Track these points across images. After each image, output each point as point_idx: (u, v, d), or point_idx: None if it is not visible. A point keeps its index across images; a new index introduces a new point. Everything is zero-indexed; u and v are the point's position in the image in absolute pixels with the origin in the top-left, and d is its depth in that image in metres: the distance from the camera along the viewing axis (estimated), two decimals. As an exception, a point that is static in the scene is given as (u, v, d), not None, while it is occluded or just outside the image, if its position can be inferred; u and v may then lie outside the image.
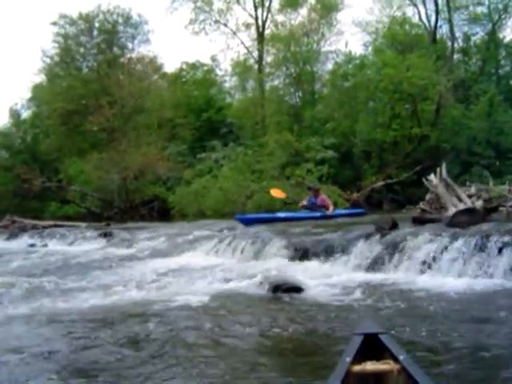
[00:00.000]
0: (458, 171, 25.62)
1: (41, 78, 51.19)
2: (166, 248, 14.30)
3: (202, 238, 14.20)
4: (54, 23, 45.35)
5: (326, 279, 8.31)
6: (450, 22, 34.49)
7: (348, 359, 3.28)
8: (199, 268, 10.56)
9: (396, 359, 3.29)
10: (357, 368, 3.25)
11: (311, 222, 14.35)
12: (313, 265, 9.49)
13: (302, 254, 10.16)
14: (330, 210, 16.27)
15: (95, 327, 5.90)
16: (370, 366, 3.28)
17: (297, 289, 7.64)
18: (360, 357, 3.34)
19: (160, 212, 35.45)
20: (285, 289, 7.60)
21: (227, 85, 48.54)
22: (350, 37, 54.69)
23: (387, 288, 7.56)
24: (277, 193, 20.23)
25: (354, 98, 33.20)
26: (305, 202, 17.07)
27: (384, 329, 3.72)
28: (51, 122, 46.28)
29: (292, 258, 10.26)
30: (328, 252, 9.68)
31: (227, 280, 8.75)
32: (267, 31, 41.05)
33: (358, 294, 7.18)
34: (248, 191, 28.87)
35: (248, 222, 14.90)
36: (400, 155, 30.87)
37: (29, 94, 55.63)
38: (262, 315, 6.40)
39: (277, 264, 10.08)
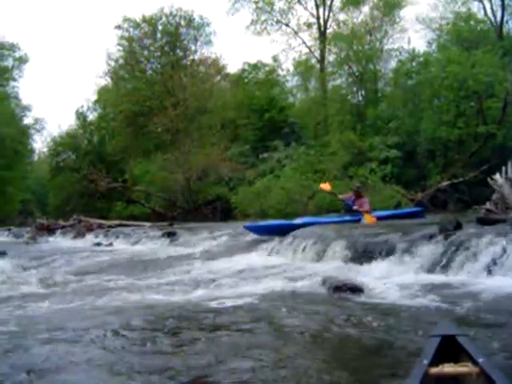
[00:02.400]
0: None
1: (106, 81, 52.38)
2: (227, 248, 14.40)
3: (264, 237, 14.22)
4: (119, 27, 46.31)
5: (387, 280, 8.20)
6: (516, 16, 33.60)
7: (425, 361, 3.22)
8: (260, 268, 10.59)
9: (475, 362, 3.21)
10: (434, 370, 3.19)
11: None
12: (374, 266, 9.37)
13: (363, 254, 10.05)
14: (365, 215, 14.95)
15: (157, 326, 5.96)
16: (448, 368, 3.22)
17: (358, 289, 7.56)
18: (437, 359, 3.28)
19: (223, 212, 35.68)
20: (346, 289, 7.54)
21: (289, 85, 48.63)
22: (413, 34, 54.01)
23: (451, 289, 7.40)
24: (324, 186, 18.58)
25: (418, 96, 32.71)
26: (343, 197, 16.09)
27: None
28: (117, 123, 47.27)
29: (353, 259, 10.18)
30: (390, 253, 9.55)
31: (288, 280, 8.73)
32: (329, 30, 41.00)
33: (421, 296, 7.05)
34: (310, 191, 28.80)
35: (259, 231, 13.83)
36: (465, 154, 30.20)
37: (94, 97, 57.02)
38: (325, 315, 6.35)
39: (338, 264, 10.03)
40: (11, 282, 9.44)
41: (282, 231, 12.99)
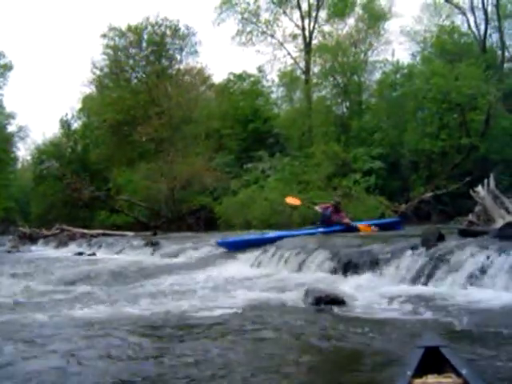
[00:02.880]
0: (508, 183, 25.06)
1: (91, 90, 52.28)
2: (210, 258, 14.35)
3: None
4: (104, 35, 46.25)
5: (370, 291, 8.20)
6: (500, 30, 33.78)
7: (409, 372, 3.21)
8: (243, 278, 10.56)
9: (458, 373, 3.20)
10: (418, 381, 3.18)
11: (355, 233, 14.22)
12: (357, 277, 9.37)
13: (345, 265, 10.05)
14: (361, 226, 14.99)
15: (137, 337, 5.92)
16: (432, 379, 3.21)
17: (340, 301, 7.54)
18: (421, 370, 3.27)
19: (207, 222, 35.58)
20: (328, 301, 7.52)
21: (274, 95, 48.72)
22: (397, 46, 54.34)
23: (434, 301, 7.41)
24: (292, 200, 18.73)
25: (402, 108, 32.88)
26: (319, 209, 15.76)
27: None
28: (101, 132, 47.18)
29: (336, 270, 10.17)
30: (372, 264, 9.56)
31: (270, 291, 8.72)
32: (314, 41, 41.12)
33: (404, 307, 7.06)
34: (294, 202, 28.76)
35: (232, 247, 13.52)
36: (449, 166, 30.38)
37: (79, 105, 56.82)
38: (306, 327, 6.34)
39: (320, 275, 10.03)
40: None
41: (255, 246, 12.91)
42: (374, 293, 8.12)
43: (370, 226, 15.17)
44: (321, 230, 14.31)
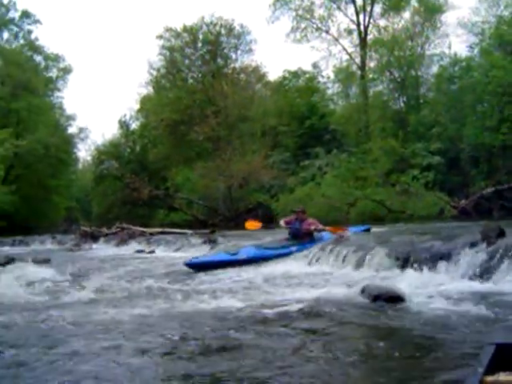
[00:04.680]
0: None
1: (148, 90, 53.16)
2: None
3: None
4: (160, 36, 46.92)
5: (428, 289, 8.09)
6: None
7: (480, 370, 3.16)
8: (300, 276, 10.56)
9: None
10: (490, 379, 3.13)
11: (413, 229, 14.02)
12: (415, 274, 9.25)
13: (404, 262, 9.94)
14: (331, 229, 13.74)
15: (201, 331, 5.98)
16: (504, 377, 3.16)
17: (398, 298, 7.48)
18: (493, 368, 3.22)
19: (264, 219, 35.63)
20: (386, 298, 7.45)
21: (330, 92, 48.49)
22: (454, 39, 53.29)
23: (496, 298, 7.26)
24: (251, 225, 16.74)
25: (461, 102, 32.25)
26: (283, 224, 14.31)
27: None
28: (158, 132, 47.80)
29: (394, 267, 10.07)
30: (431, 261, 9.42)
31: (327, 288, 8.70)
32: (369, 36, 40.83)
33: (465, 304, 6.91)
34: (351, 198, 28.66)
35: (199, 268, 12.30)
36: (510, 160, 29.65)
37: (137, 106, 57.73)
38: (365, 325, 6.31)
39: (378, 272, 9.95)
40: (55, 289, 9.58)
41: (226, 266, 12.05)
42: (432, 290, 8.01)
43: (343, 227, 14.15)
44: (294, 249, 13.01)
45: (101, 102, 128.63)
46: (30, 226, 40.58)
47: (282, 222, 14.52)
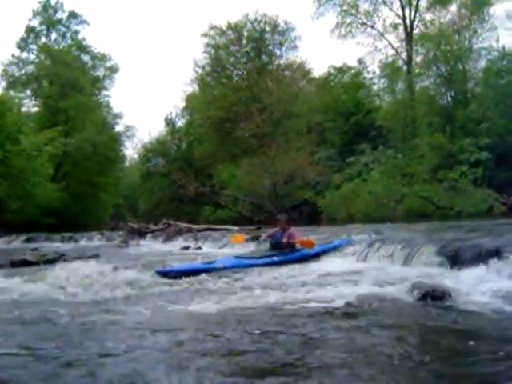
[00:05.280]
0: None
1: (193, 88, 53.63)
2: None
3: (352, 242, 14.14)
4: (205, 34, 47.23)
5: (478, 286, 7.98)
6: None
7: None
8: (348, 272, 10.52)
9: None
10: None
11: (461, 226, 13.82)
12: (464, 271, 9.15)
13: (453, 259, 9.84)
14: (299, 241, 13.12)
15: (248, 327, 6.01)
16: None
17: (449, 296, 7.40)
18: None
19: (309, 216, 35.64)
20: (435, 295, 7.39)
21: (375, 87, 48.10)
22: (503, 32, 52.11)
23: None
24: (235, 239, 16.17)
25: (510, 96, 31.65)
26: (266, 237, 14.01)
27: None
28: (204, 129, 48.17)
29: (443, 264, 9.97)
30: (481, 258, 9.29)
31: (376, 285, 8.64)
32: (415, 31, 40.37)
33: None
34: (398, 195, 28.39)
35: (170, 276, 11.10)
36: (562, 155, 29.05)
37: (182, 104, 58.27)
38: (415, 322, 6.24)
39: (427, 269, 9.86)
40: (103, 285, 9.72)
41: (199, 274, 11.11)
42: (482, 287, 7.90)
43: (310, 241, 13.28)
44: (276, 259, 12.41)
45: (147, 100, 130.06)
46: (79, 223, 41.24)
47: (263, 236, 14.34)
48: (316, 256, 13.04)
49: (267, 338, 5.53)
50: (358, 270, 10.71)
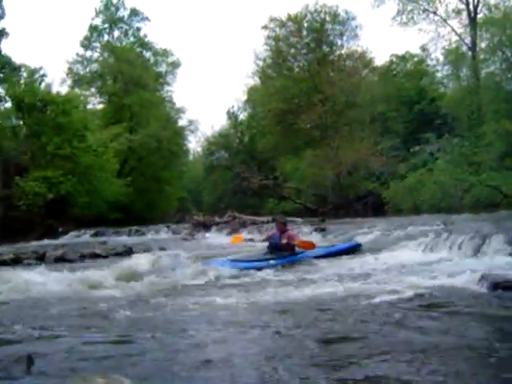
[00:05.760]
0: None
1: (255, 81, 53.73)
2: (380, 243, 14.26)
3: (417, 232, 13.99)
4: (265, 27, 47.18)
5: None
6: None
7: None
8: (413, 263, 10.44)
9: None
10: None
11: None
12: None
13: (526, 249, 9.64)
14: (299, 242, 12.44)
15: (314, 317, 6.04)
16: None
17: (519, 286, 7.25)
18: None
19: (374, 207, 35.34)
20: (506, 286, 7.25)
21: (439, 75, 47.10)
22: None
23: None
24: (235, 240, 15.52)
25: None
26: (266, 237, 13.43)
27: None
28: (266, 122, 48.25)
29: (514, 254, 9.78)
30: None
31: (442, 276, 8.54)
32: (479, 15, 39.30)
33: None
34: (465, 184, 27.84)
35: None
36: None
37: (244, 97, 58.48)
38: (482, 314, 6.14)
39: (497, 260, 9.68)
40: (171, 277, 9.88)
41: None
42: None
43: (311, 242, 12.74)
44: (273, 262, 11.57)
45: (209, 94, 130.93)
46: (144, 217, 41.92)
47: (263, 237, 13.91)
48: (317, 259, 11.94)
49: (348, 327, 5.57)
50: (426, 261, 10.61)
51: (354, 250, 12.97)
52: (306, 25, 47.12)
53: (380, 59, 78.73)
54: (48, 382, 3.67)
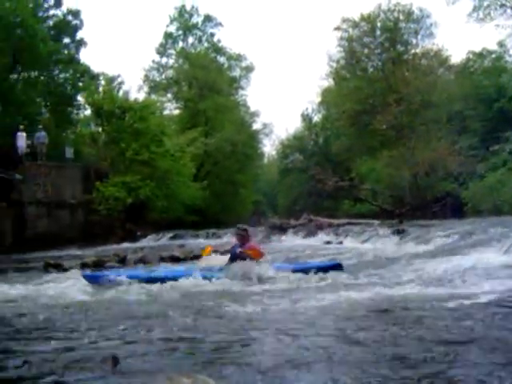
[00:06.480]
0: None
1: (328, 82, 53.47)
2: (459, 245, 14.01)
3: (498, 235, 13.65)
4: (338, 28, 46.94)
5: None
6: None
7: None
8: (494, 265, 10.21)
9: None
10: None
11: None
12: None
13: None
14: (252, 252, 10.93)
15: (385, 319, 5.99)
16: None
17: None
18: None
19: (452, 208, 34.65)
20: None
21: (520, 71, 45.78)
22: None
23: None
24: (205, 251, 12.68)
25: None
26: (227, 250, 12.04)
27: None
28: (341, 123, 48.03)
29: None
30: None
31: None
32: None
33: None
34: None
35: (101, 281, 9.99)
36: None
37: (318, 99, 58.31)
38: None
39: None
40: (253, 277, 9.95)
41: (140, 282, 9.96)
42: None
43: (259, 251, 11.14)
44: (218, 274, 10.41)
45: (283, 97, 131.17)
46: (220, 220, 42.33)
47: (224, 250, 12.65)
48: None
49: (429, 329, 5.50)
50: (505, 264, 10.36)
51: (333, 268, 11.04)
52: (379, 24, 46.65)
53: (456, 57, 77.23)
54: (134, 381, 3.77)
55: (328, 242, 20.72)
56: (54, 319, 6.79)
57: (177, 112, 53.60)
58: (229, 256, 11.02)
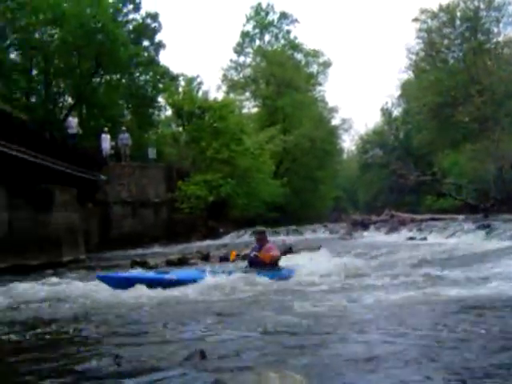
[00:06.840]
0: None
1: (408, 75, 52.75)
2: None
3: None
4: (416, 19, 46.30)
5: None
6: None
7: None
8: None
9: None
10: None
11: None
12: None
13: None
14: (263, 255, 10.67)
15: (468, 317, 5.85)
16: None
17: None
18: None
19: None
20: None
21: None
22: None
23: None
24: (232, 256, 13.59)
25: None
26: (247, 252, 12.31)
27: None
28: (421, 116, 47.28)
29: None
30: None
31: None
32: None
33: None
34: None
35: (114, 283, 9.57)
36: None
37: (398, 92, 57.57)
38: None
39: None
40: (324, 275, 9.94)
41: (149, 285, 9.51)
42: None
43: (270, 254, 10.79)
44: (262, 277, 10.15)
45: (362, 91, 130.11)
46: (300, 217, 42.37)
47: (245, 252, 12.71)
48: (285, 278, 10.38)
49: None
50: None
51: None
52: (458, 14, 45.65)
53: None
54: (221, 376, 3.81)
55: (411, 238, 20.44)
56: (135, 316, 7.02)
57: (255, 110, 53.99)
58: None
